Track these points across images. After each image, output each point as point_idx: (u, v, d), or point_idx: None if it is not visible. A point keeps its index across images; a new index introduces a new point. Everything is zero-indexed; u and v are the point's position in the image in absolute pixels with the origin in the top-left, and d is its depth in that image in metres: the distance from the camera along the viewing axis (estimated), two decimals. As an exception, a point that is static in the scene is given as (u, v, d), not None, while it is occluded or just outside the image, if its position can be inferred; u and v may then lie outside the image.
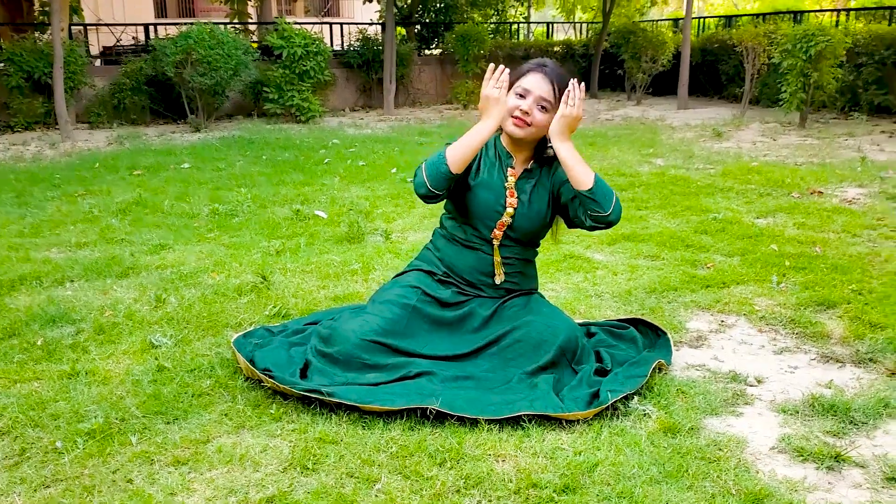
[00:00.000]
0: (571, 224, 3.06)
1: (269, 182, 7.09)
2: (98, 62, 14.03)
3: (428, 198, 2.93)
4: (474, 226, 3.04)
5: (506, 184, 3.01)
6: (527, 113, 2.90)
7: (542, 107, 2.91)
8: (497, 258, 3.06)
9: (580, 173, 2.83)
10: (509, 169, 3.03)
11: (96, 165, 8.05)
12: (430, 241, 3.26)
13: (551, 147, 2.94)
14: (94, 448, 2.53)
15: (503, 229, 3.02)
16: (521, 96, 2.91)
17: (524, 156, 3.05)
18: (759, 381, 3.00)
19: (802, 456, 2.45)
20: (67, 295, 4.02)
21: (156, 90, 12.32)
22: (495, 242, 3.04)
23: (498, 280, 3.08)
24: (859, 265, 4.35)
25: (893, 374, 3.03)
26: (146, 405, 2.81)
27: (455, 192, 3.05)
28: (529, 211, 3.01)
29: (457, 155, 2.85)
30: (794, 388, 2.94)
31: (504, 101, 2.86)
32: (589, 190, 2.82)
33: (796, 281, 4.11)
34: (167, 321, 3.63)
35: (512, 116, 2.91)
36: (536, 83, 2.91)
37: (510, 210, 2.99)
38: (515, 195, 3.00)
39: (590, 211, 2.85)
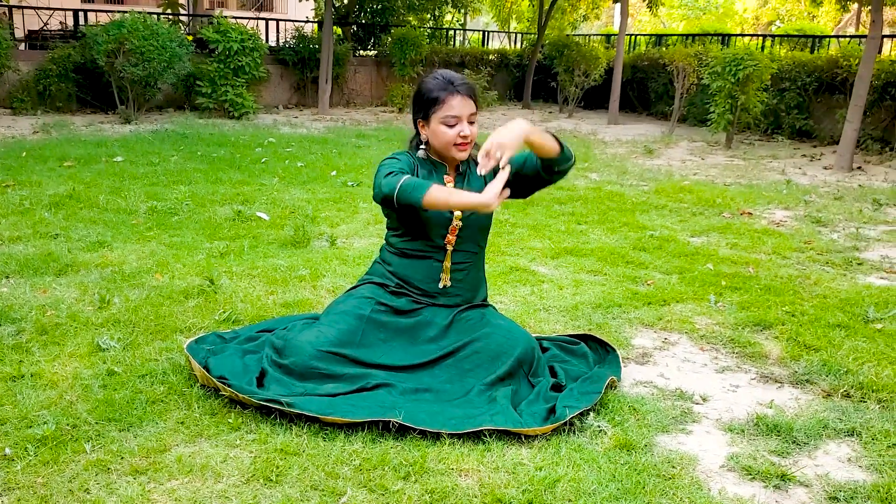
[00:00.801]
0: (529, 189, 3.14)
1: (206, 179, 6.98)
2: (23, 46, 13.55)
3: (386, 205, 2.95)
4: (427, 237, 3.08)
5: None
6: (467, 137, 2.97)
7: (472, 121, 3.00)
8: (447, 263, 3.10)
9: (550, 143, 2.93)
10: (445, 177, 3.10)
11: (23, 154, 7.80)
12: (379, 257, 3.28)
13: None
14: (46, 455, 2.47)
15: (455, 233, 3.07)
16: (453, 125, 2.96)
17: (453, 159, 3.12)
18: (704, 399, 3.11)
19: (751, 475, 2.55)
20: (4, 292, 3.90)
21: (83, 78, 11.98)
22: (449, 248, 3.09)
23: (441, 285, 3.12)
24: (791, 287, 4.53)
25: (828, 395, 3.17)
26: (98, 411, 2.75)
27: (407, 213, 3.08)
28: None
29: (436, 201, 2.82)
30: (738, 407, 3.05)
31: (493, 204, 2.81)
32: (560, 152, 2.95)
33: (733, 301, 4.26)
34: (113, 323, 3.56)
35: (455, 145, 2.98)
36: (462, 106, 2.95)
37: (458, 213, 3.04)
38: None
39: (557, 167, 3.00)
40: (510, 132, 2.75)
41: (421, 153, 3.08)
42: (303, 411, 2.68)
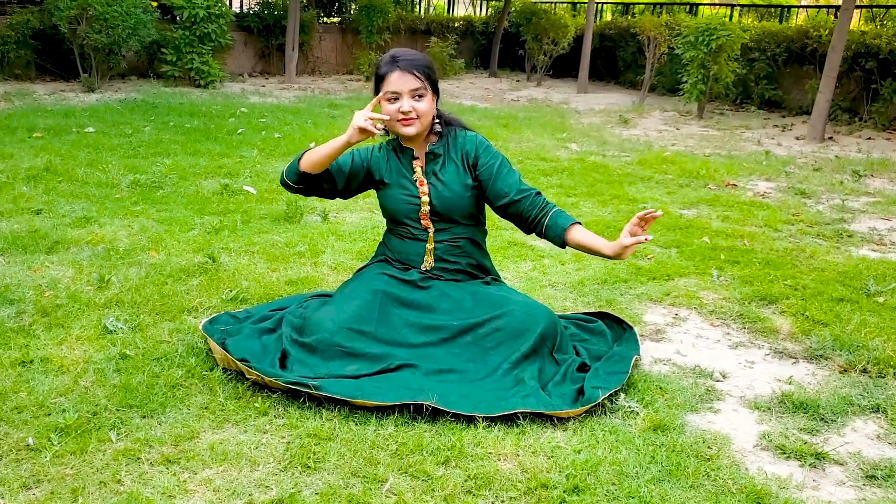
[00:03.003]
0: (494, 209, 3.13)
1: (184, 151, 6.81)
2: (-23, 11, 13.05)
3: (285, 186, 3.11)
4: (405, 223, 3.11)
5: (413, 176, 3.07)
6: (408, 112, 2.94)
7: (418, 96, 2.95)
8: (430, 245, 3.10)
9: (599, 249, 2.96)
10: (414, 161, 3.09)
11: (-11, 125, 7.54)
12: (382, 240, 3.30)
13: (439, 122, 3.07)
14: (72, 445, 2.39)
15: (428, 218, 3.07)
16: (395, 99, 2.95)
17: (419, 141, 3.10)
18: (724, 377, 3.12)
19: (785, 453, 2.56)
20: (-4, 271, 3.77)
21: (43, 45, 11.58)
22: (430, 231, 3.07)
23: (425, 266, 3.11)
24: (788, 261, 4.56)
25: (845, 371, 3.20)
26: (118, 397, 2.67)
27: (381, 207, 3.19)
28: (445, 190, 3.04)
29: (311, 157, 3.01)
30: (759, 384, 3.06)
31: (358, 125, 2.86)
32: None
33: (734, 275, 4.28)
34: (117, 303, 3.45)
35: (399, 121, 2.96)
36: (401, 81, 2.93)
37: (424, 199, 3.04)
38: (425, 181, 3.06)
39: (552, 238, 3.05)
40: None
41: (381, 131, 3.03)
42: (332, 394, 2.63)
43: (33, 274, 3.76)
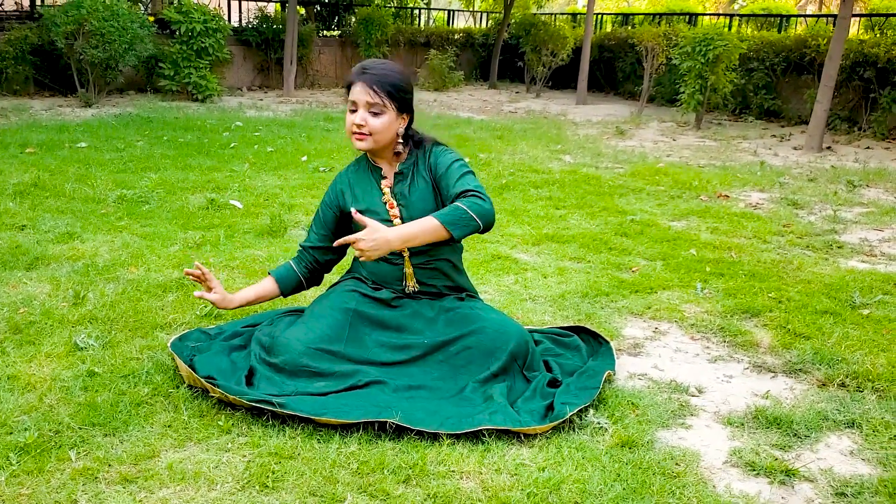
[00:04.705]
0: None
1: (174, 166, 6.81)
2: (-23, 27, 13.12)
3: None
4: None
5: (383, 199, 3.02)
6: (361, 125, 2.90)
7: (374, 112, 2.90)
8: (408, 269, 3.05)
9: (434, 236, 2.77)
10: (383, 182, 3.04)
11: (-18, 141, 7.55)
12: (354, 259, 3.21)
13: (402, 142, 3.00)
14: (30, 464, 2.36)
15: None
16: (353, 111, 2.93)
17: (389, 160, 3.06)
18: (699, 391, 3.08)
19: (755, 470, 2.52)
20: (-28, 288, 3.75)
21: (41, 60, 11.63)
22: (405, 254, 3.02)
23: (409, 289, 3.07)
24: (775, 273, 4.52)
25: (823, 385, 3.15)
26: (81, 415, 2.64)
27: (343, 230, 3.12)
28: (415, 211, 2.98)
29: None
30: (735, 399, 3.02)
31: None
32: (452, 237, 2.78)
33: (718, 287, 4.24)
34: (90, 320, 3.43)
35: (352, 134, 2.93)
36: (359, 93, 2.90)
37: (397, 221, 2.97)
38: (395, 204, 3.00)
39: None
40: (377, 246, 2.71)
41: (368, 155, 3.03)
42: (295, 412, 2.60)
43: (10, 290, 3.75)
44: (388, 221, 2.96)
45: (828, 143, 9.77)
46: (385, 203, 3.01)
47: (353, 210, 2.88)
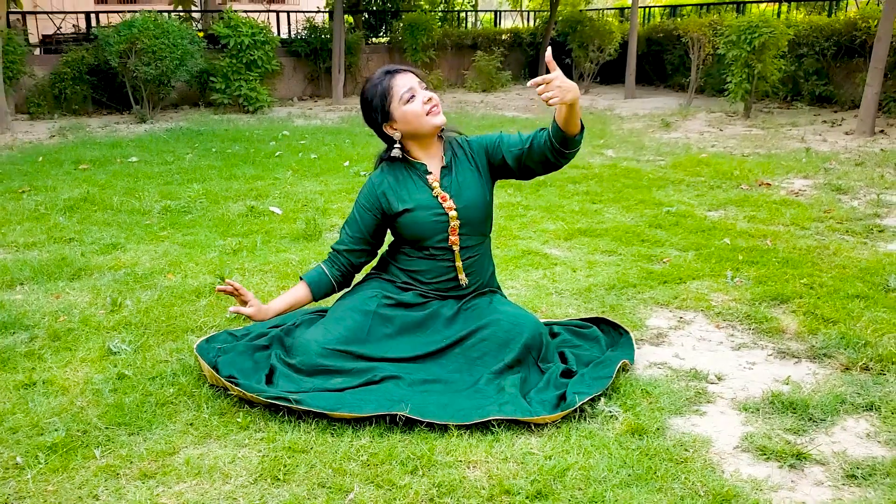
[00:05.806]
0: (522, 174, 3.10)
1: (220, 176, 6.99)
2: (38, 51, 13.65)
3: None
4: (429, 246, 3.05)
5: (433, 193, 3.03)
6: (431, 99, 2.94)
7: (424, 88, 2.99)
8: (458, 263, 3.07)
9: (578, 118, 2.87)
10: (429, 177, 3.05)
11: (39, 159, 7.85)
12: (386, 252, 3.25)
13: (442, 131, 3.06)
14: (56, 463, 2.48)
15: (457, 234, 3.03)
16: (412, 97, 2.93)
17: (432, 154, 3.08)
18: (719, 379, 3.06)
19: (765, 454, 2.50)
20: (18, 299, 3.92)
21: (98, 80, 12.05)
22: (455, 248, 3.05)
23: (463, 283, 3.10)
24: (809, 259, 4.45)
25: (847, 369, 3.11)
26: (108, 416, 2.75)
27: (395, 233, 3.14)
28: (468, 201, 3.02)
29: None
30: (754, 385, 3.00)
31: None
32: (580, 131, 2.90)
33: (749, 275, 4.19)
34: (125, 326, 3.57)
35: (427, 114, 2.93)
36: (408, 80, 2.95)
37: (453, 214, 3.00)
38: (448, 197, 3.02)
39: (567, 151, 2.92)
40: (570, 87, 2.75)
41: (396, 152, 3.03)
42: (311, 408, 2.67)
43: (54, 300, 3.91)
44: (443, 215, 3.00)
45: (881, 126, 9.52)
46: (437, 197, 3.02)
47: (546, 54, 2.81)
